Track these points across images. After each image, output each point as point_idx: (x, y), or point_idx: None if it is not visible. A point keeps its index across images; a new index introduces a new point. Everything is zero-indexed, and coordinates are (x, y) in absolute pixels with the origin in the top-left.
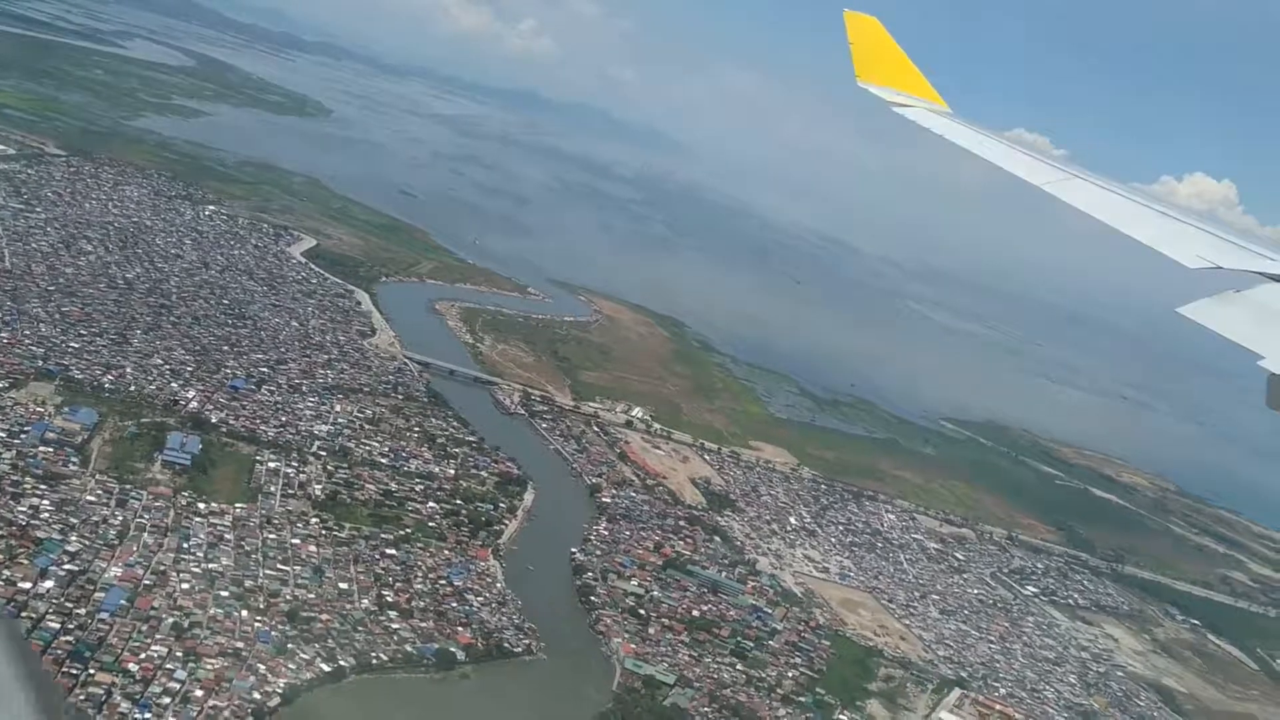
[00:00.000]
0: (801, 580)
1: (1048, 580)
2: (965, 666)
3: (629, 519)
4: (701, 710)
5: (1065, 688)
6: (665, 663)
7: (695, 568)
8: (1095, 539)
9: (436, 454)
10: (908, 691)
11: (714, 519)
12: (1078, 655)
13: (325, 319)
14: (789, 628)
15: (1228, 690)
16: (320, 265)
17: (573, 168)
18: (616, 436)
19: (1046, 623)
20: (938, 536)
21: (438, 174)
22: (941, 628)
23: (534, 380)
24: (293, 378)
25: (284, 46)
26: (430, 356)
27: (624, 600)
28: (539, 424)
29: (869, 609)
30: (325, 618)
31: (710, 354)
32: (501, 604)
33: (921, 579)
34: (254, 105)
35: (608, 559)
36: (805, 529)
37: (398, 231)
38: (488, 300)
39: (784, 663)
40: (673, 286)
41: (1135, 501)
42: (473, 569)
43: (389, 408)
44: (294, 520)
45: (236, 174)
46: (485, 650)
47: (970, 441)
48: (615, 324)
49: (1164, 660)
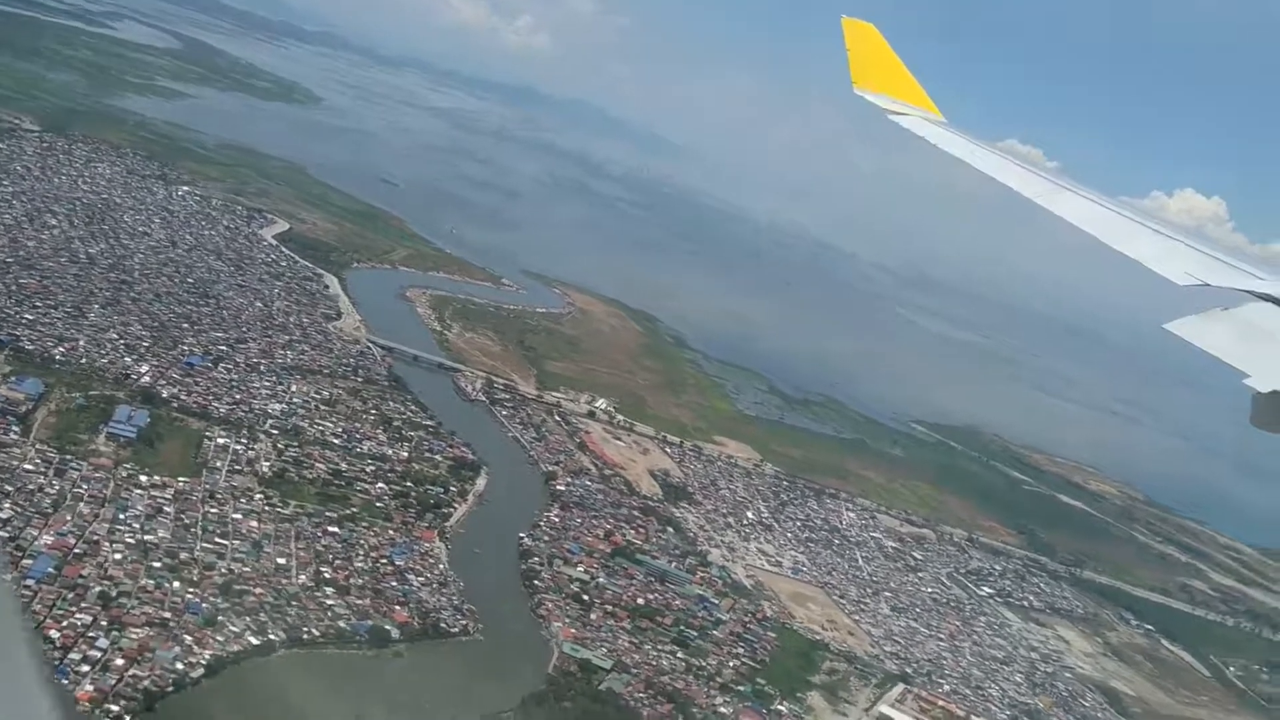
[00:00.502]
0: (753, 573)
1: (1004, 582)
2: (911, 663)
3: (582, 507)
4: (637, 696)
5: (1011, 686)
6: (605, 648)
7: (644, 557)
8: (1057, 544)
9: (391, 436)
10: (850, 685)
11: (669, 510)
12: (1027, 655)
13: (290, 301)
14: (734, 618)
15: (1177, 695)
16: (291, 249)
17: (565, 164)
18: (577, 426)
19: (998, 623)
20: (896, 535)
21: (424, 165)
22: (891, 624)
23: (498, 368)
24: (251, 357)
25: (279, 34)
26: (396, 342)
27: (568, 586)
28: (499, 411)
29: (819, 603)
30: (259, 592)
31: (683, 350)
32: (442, 585)
33: (876, 576)
34: (240, 90)
35: (556, 545)
36: (762, 523)
37: (375, 219)
38: (459, 289)
39: (726, 652)
40: (652, 284)
41: (1101, 509)
42: (416, 550)
43: (347, 390)
44: (238, 496)
45: (215, 156)
46: (421, 629)
47: (940, 445)
48: (588, 317)
49: (1114, 663)
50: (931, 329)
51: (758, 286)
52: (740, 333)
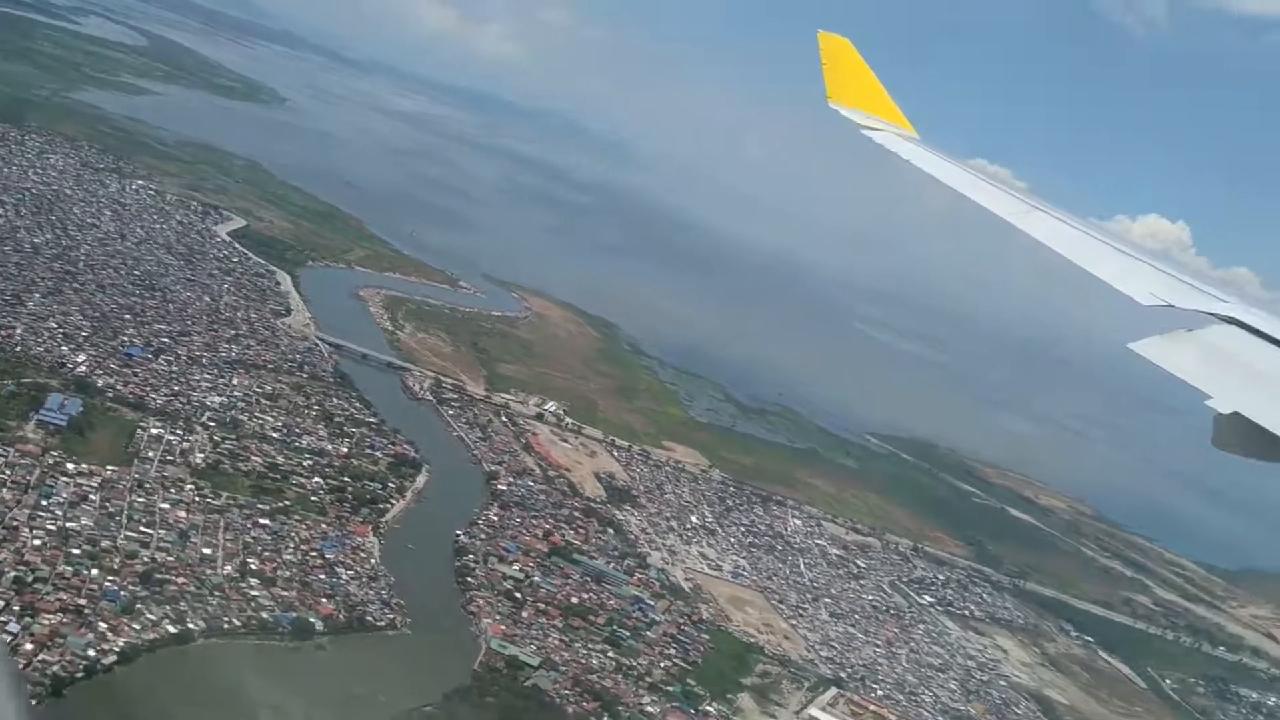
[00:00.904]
0: (692, 576)
1: (946, 591)
2: (846, 667)
3: (522, 507)
4: (563, 693)
5: (945, 693)
6: (534, 645)
7: (582, 557)
8: (1003, 555)
9: (332, 432)
10: (782, 688)
11: (611, 512)
12: (964, 663)
13: (240, 296)
14: (669, 620)
15: (1111, 705)
16: (245, 245)
17: (529, 171)
18: (524, 428)
19: (937, 631)
20: (841, 543)
21: (386, 167)
22: (829, 629)
23: (449, 369)
24: (194, 350)
25: (248, 35)
26: (345, 340)
27: (502, 583)
28: (446, 411)
29: (757, 607)
30: (181, 581)
31: (638, 356)
32: (372, 579)
33: (817, 582)
34: (205, 88)
35: (492, 543)
36: (705, 528)
37: (333, 219)
38: (415, 290)
39: (658, 653)
40: (611, 290)
41: (1049, 523)
42: (348, 544)
43: (290, 385)
44: (167, 486)
45: (174, 152)
46: (346, 622)
47: (892, 456)
48: (544, 321)
49: (1051, 673)
50: (889, 343)
51: (713, 297)
52: (696, 341)
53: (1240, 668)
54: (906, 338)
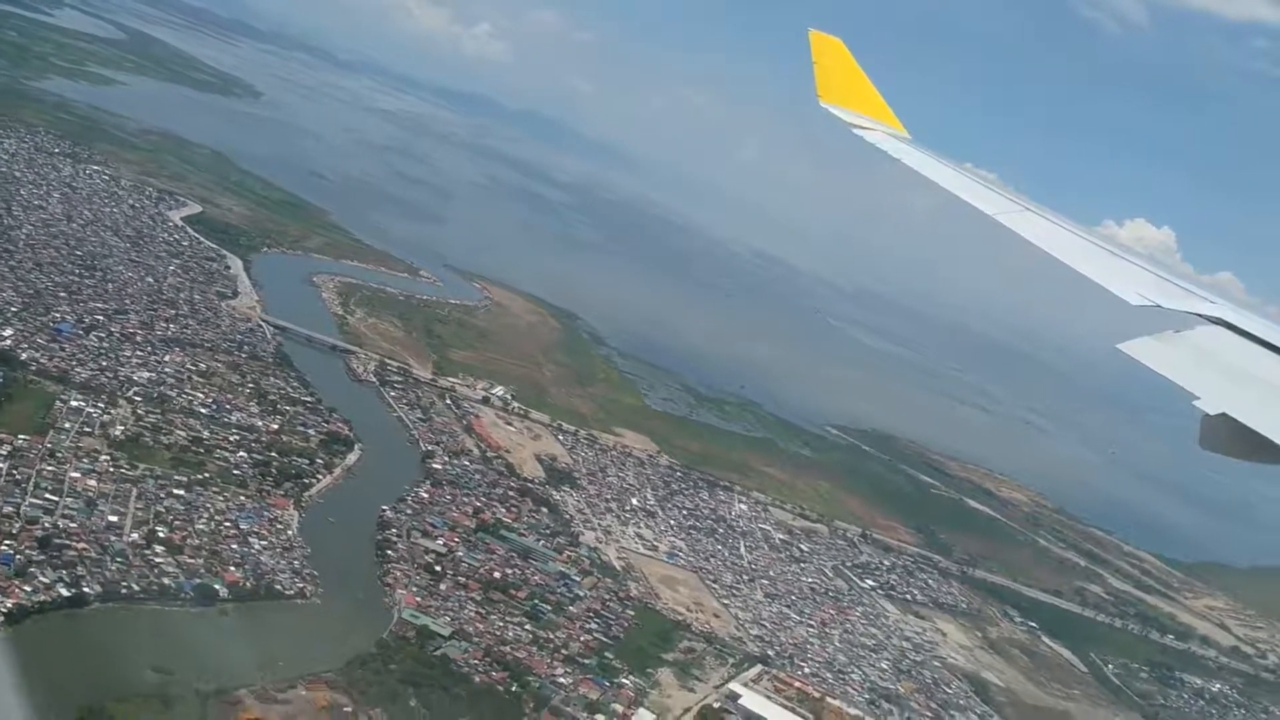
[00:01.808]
0: (625, 555)
1: (890, 576)
2: (775, 646)
3: (455, 485)
4: (472, 663)
5: (875, 672)
6: (448, 617)
7: (510, 534)
8: (955, 544)
9: (264, 409)
10: (706, 664)
11: (548, 493)
12: (899, 645)
13: (184, 278)
14: (594, 596)
15: (1048, 689)
16: (198, 230)
17: (510, 169)
18: (468, 411)
19: (875, 614)
20: (787, 529)
21: (360, 161)
22: (762, 610)
23: (396, 353)
24: (128, 328)
25: (232, 32)
26: (292, 323)
27: (423, 557)
28: (388, 392)
29: (690, 587)
30: (81, 546)
31: (599, 346)
32: (287, 549)
33: (756, 565)
34: (177, 81)
35: (418, 519)
36: (645, 510)
37: (296, 208)
38: (372, 278)
39: (579, 627)
40: (581, 284)
41: (1007, 514)
42: (266, 516)
43: (227, 364)
44: (80, 456)
45: (135, 141)
46: (252, 590)
47: (852, 447)
48: (504, 311)
49: (989, 656)
50: (861, 340)
51: (688, 293)
52: (663, 334)
53: (1188, 655)
54: (881, 336)
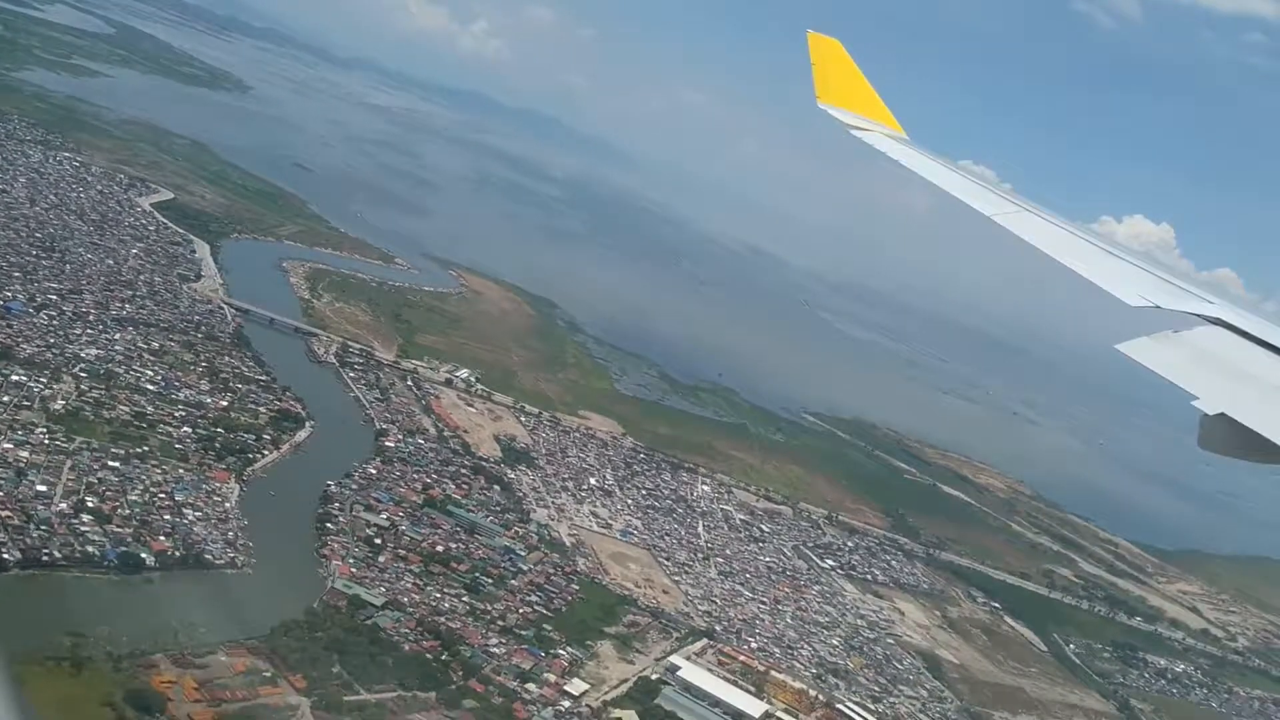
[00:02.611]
0: (576, 533)
1: (852, 557)
2: (723, 622)
3: (406, 462)
4: (402, 631)
5: (825, 648)
6: (384, 588)
7: (458, 510)
8: (925, 528)
9: (215, 387)
10: (648, 638)
11: (503, 471)
12: (853, 622)
13: (146, 261)
14: (538, 570)
15: (1005, 666)
16: (167, 216)
17: (501, 164)
18: (429, 392)
19: (832, 593)
20: (749, 510)
21: (347, 154)
22: (714, 587)
23: (360, 336)
24: (82, 307)
25: (226, 28)
26: (255, 305)
27: (364, 530)
28: (347, 373)
29: (641, 564)
30: (5, 514)
31: (574, 334)
32: (222, 521)
33: (713, 544)
34: (164, 74)
35: (363, 493)
36: (603, 489)
37: (273, 198)
38: (345, 265)
39: (519, 600)
40: (562, 273)
41: (982, 500)
42: (204, 488)
43: (181, 344)
44: (15, 428)
45: (113, 130)
46: (180, 559)
47: (828, 434)
48: (479, 298)
49: (947, 635)
50: (849, 333)
51: (672, 284)
52: (642, 323)
53: (1154, 637)
54: (869, 329)
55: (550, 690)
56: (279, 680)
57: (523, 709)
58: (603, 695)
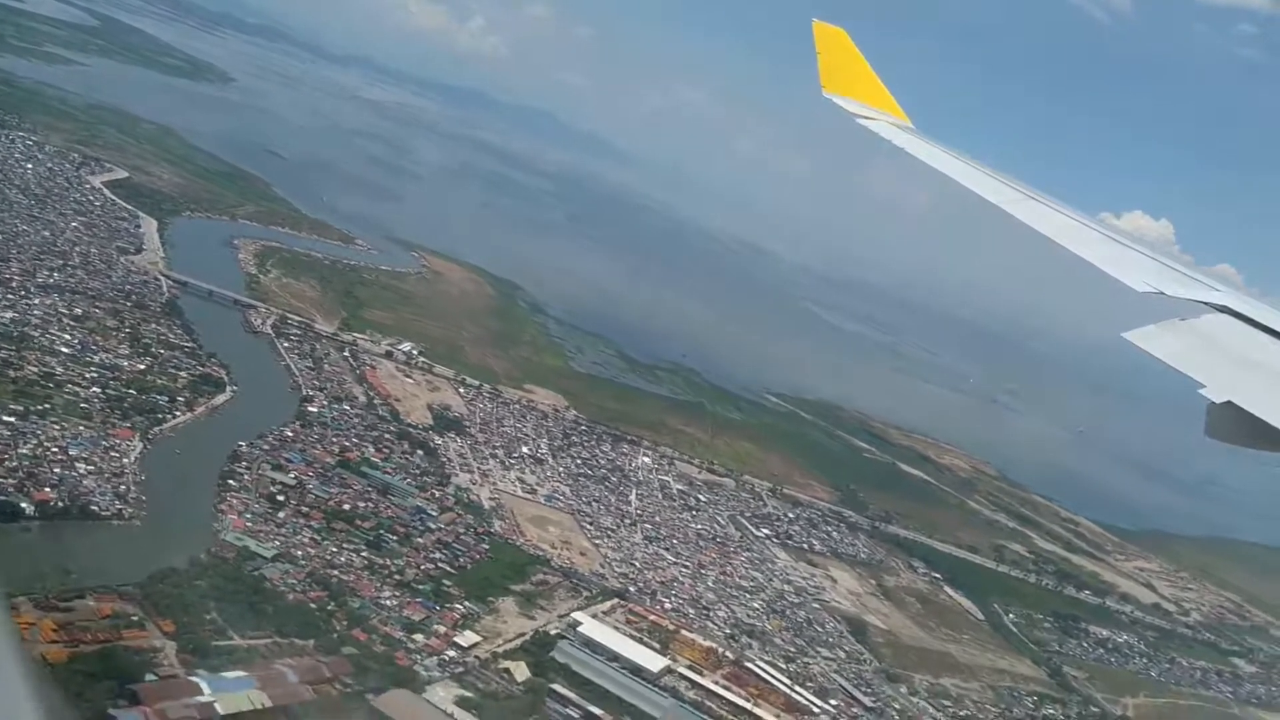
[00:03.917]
0: (498, 497)
1: (791, 527)
2: (639, 583)
3: (328, 426)
4: (290, 582)
5: (745, 611)
6: (278, 542)
7: (373, 471)
8: (875, 502)
9: (135, 351)
10: (555, 596)
11: (429, 438)
12: (780, 588)
13: (85, 234)
14: (448, 530)
15: (935, 632)
16: (118, 194)
17: (490, 158)
18: (366, 363)
19: (763, 559)
20: (689, 480)
21: (326, 144)
22: (636, 551)
23: (303, 309)
24: (6, 274)
25: (218, 24)
26: (195, 278)
27: (268, 488)
28: (281, 343)
29: (562, 527)
30: None
31: (535, 314)
32: (116, 475)
33: (643, 511)
34: (143, 64)
35: (274, 454)
36: (535, 457)
37: (237, 180)
38: (299, 243)
39: (423, 557)
40: (534, 259)
41: (942, 479)
42: (102, 444)
43: (107, 311)
44: None
45: (77, 114)
46: (64, 510)
47: (789, 414)
48: (439, 279)
49: (879, 602)
50: (833, 323)
51: (651, 274)
52: (611, 308)
53: (1101, 610)
54: (856, 320)
55: (438, 641)
56: (146, 624)
57: (405, 657)
58: (495, 648)
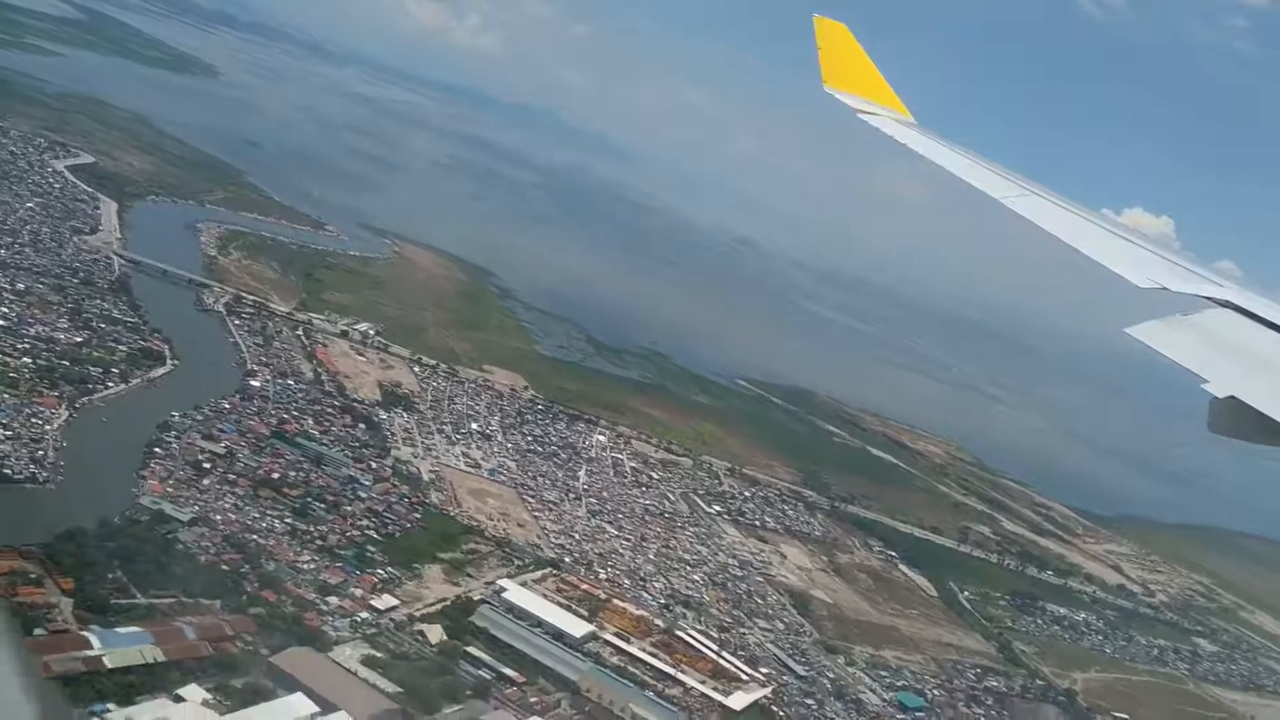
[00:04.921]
0: (439, 470)
1: (745, 505)
2: (575, 554)
3: (269, 400)
4: (204, 545)
5: (684, 583)
6: (198, 507)
7: (309, 443)
8: (838, 484)
9: (75, 325)
10: (485, 564)
11: (375, 413)
12: (724, 562)
13: (40, 214)
14: (379, 499)
15: (883, 608)
16: (81, 177)
17: (483, 153)
18: (319, 341)
19: (710, 535)
20: (644, 459)
21: (309, 136)
22: (577, 524)
23: (259, 290)
24: None
25: (212, 21)
26: (152, 259)
27: (195, 456)
28: (232, 321)
29: (502, 500)
30: None
31: (505, 300)
32: (35, 441)
33: (590, 487)
34: (127, 57)
35: (207, 425)
36: (484, 434)
37: (209, 168)
38: (267, 229)
39: (350, 525)
40: (512, 249)
41: (914, 464)
42: (26, 411)
43: (51, 286)
44: None
45: (49, 102)
46: None
47: (758, 399)
48: (409, 264)
49: (828, 578)
50: (818, 313)
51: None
52: (587, 295)
53: (1063, 589)
54: (842, 311)
55: (353, 604)
56: (44, 582)
57: (316, 619)
58: (413, 611)
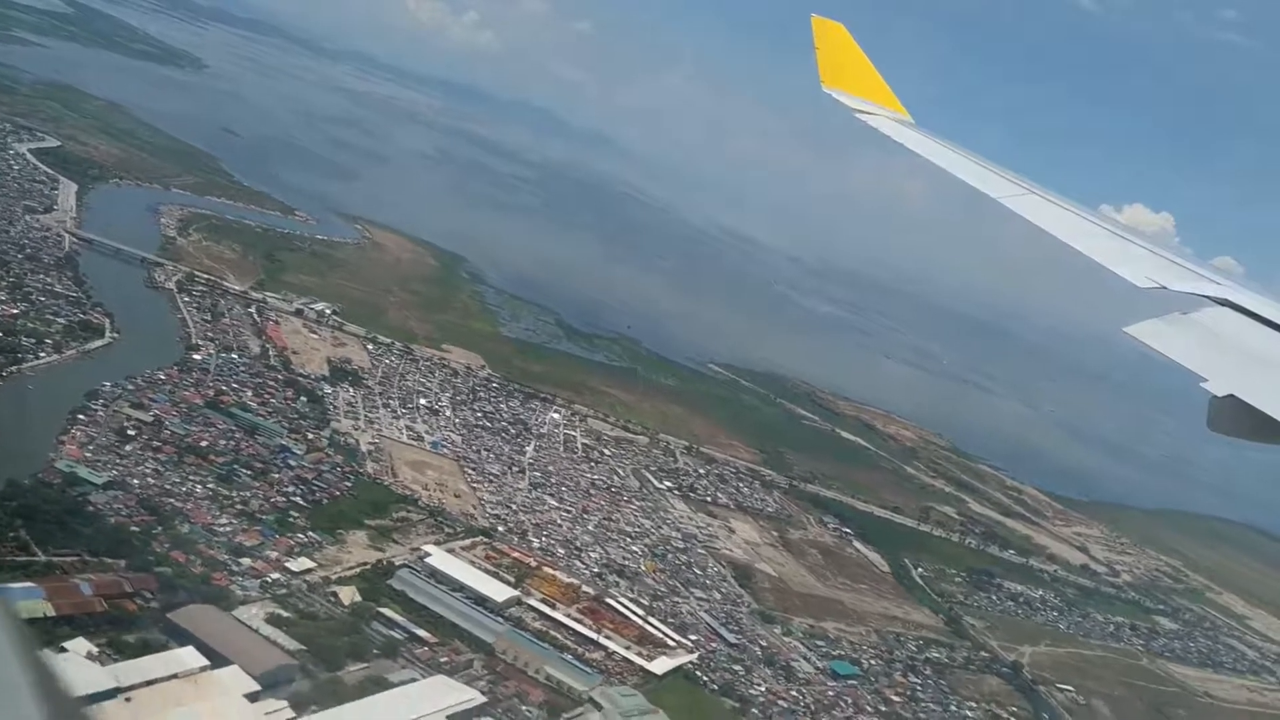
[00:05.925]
0: (379, 442)
1: (698, 482)
2: (509, 524)
3: (209, 372)
4: (116, 507)
5: (621, 553)
6: (115, 472)
7: (243, 413)
8: (800, 464)
9: (13, 298)
10: (413, 532)
11: (320, 387)
12: (666, 534)
13: None
14: (310, 468)
15: (831, 582)
16: (43, 160)
17: (473, 147)
18: (270, 318)
19: (656, 509)
20: (598, 436)
21: (290, 127)
22: (517, 496)
23: (215, 269)
24: None
25: (205, 17)
26: (107, 238)
27: (121, 423)
28: (182, 298)
29: (441, 471)
30: None
31: (475, 284)
32: None
33: (536, 461)
34: (111, 49)
35: (138, 394)
36: (431, 409)
37: (180, 154)
38: (232, 212)
39: (275, 491)
40: (489, 237)
41: (883, 447)
42: None
43: None
44: None
45: (23, 90)
46: None
47: (729, 382)
48: (377, 249)
49: (776, 553)
50: (803, 304)
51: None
52: (562, 282)
53: (1023, 568)
54: (830, 303)
55: (265, 565)
56: None
57: (225, 578)
58: (330, 574)
